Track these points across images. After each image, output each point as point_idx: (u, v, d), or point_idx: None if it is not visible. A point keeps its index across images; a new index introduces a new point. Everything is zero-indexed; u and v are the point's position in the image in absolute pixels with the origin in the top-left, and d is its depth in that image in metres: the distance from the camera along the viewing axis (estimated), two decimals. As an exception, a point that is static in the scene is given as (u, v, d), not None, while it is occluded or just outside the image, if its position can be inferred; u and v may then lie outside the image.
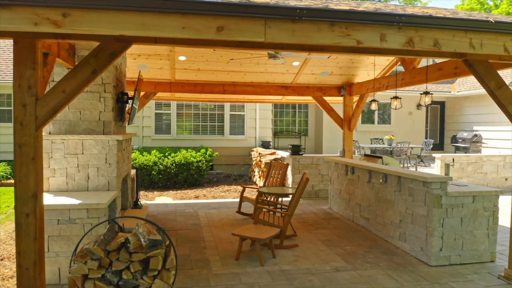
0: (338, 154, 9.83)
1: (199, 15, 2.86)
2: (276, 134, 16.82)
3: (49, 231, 4.24)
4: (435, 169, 10.53)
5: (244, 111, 13.19)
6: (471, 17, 3.28)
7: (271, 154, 10.61)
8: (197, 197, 9.67)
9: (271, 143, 13.23)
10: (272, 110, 16.49)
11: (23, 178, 3.39)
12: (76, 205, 4.26)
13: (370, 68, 8.58)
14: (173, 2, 2.86)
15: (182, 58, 7.76)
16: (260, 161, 10.71)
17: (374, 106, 7.62)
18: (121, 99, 5.72)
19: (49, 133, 5.02)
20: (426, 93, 5.81)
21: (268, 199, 7.12)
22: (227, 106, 13.05)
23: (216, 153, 11.98)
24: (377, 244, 5.82)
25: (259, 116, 13.35)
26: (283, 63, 7.77)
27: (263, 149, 11.48)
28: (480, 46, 3.34)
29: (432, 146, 14.31)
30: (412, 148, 13.49)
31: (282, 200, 7.00)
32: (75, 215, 4.29)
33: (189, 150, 11.53)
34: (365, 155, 8.23)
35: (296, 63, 8.25)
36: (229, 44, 3.46)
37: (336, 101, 10.46)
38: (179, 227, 6.69)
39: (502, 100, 4.13)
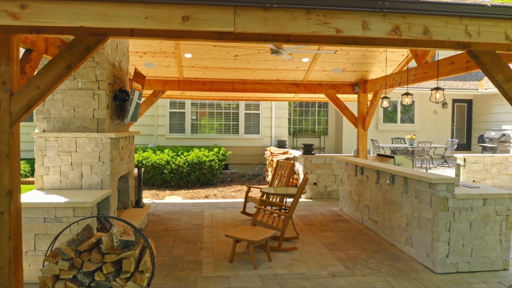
0: (352, 154, 9.48)
1: (163, 4, 2.71)
2: (295, 133, 16.55)
3: (35, 229, 4.21)
4: (457, 170, 9.97)
5: (259, 110, 13.00)
6: (465, 2, 2.96)
7: (284, 153, 10.38)
8: (207, 197, 9.56)
9: (287, 143, 12.98)
10: (291, 109, 16.26)
11: (-3, 176, 3.35)
12: (61, 203, 4.21)
13: (384, 64, 8.20)
14: (135, -9, 2.72)
15: (188, 55, 7.67)
16: (272, 160, 10.50)
17: (385, 103, 7.26)
18: (119, 96, 5.65)
19: (43, 131, 5.02)
20: (437, 88, 5.43)
21: (273, 199, 6.92)
22: (242, 105, 12.90)
23: (229, 152, 11.84)
24: (382, 249, 5.50)
25: (275, 115, 13.12)
26: (289, 60, 7.54)
27: (276, 148, 11.26)
28: (477, 34, 3.01)
29: (456, 146, 13.62)
30: (435, 148, 12.89)
31: (286, 201, 6.76)
32: (61, 214, 4.24)
33: (202, 149, 11.46)
34: (378, 154, 7.87)
35: (305, 60, 7.99)
36: (199, 35, 3.29)
37: (350, 99, 10.11)
38: (181, 227, 6.58)
39: (511, 95, 3.75)
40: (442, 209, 4.57)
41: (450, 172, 11.02)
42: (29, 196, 4.47)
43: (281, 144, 12.79)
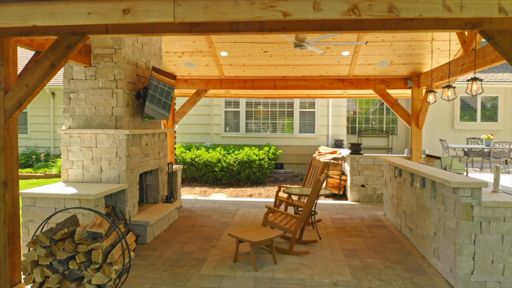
0: (404, 155, 8.70)
1: (105, -2, 2.72)
2: (360, 132, 15.72)
3: (43, 217, 4.55)
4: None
5: (314, 108, 12.60)
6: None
7: (332, 153, 9.89)
8: (250, 196, 9.52)
9: (344, 142, 12.39)
10: (374, 107, 15.49)
11: (-6, 167, 3.67)
12: (69, 195, 4.49)
13: (437, 54, 7.38)
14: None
15: (223, 53, 7.72)
16: (319, 160, 10.08)
17: (431, 98, 6.49)
18: (144, 94, 5.86)
19: (69, 128, 5.41)
20: (474, 79, 4.70)
21: (304, 200, 6.64)
22: (296, 103, 12.62)
23: (280, 151, 11.66)
24: (407, 259, 4.92)
25: (332, 113, 12.61)
26: (323, 53, 7.15)
27: (325, 148, 10.79)
28: (459, 8, 2.48)
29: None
30: (518, 149, 11.25)
31: (316, 203, 6.41)
32: (69, 204, 4.53)
33: (253, 148, 11.45)
34: (427, 155, 7.09)
35: (346, 53, 7.53)
36: (170, 29, 3.23)
37: (403, 95, 9.32)
38: (207, 224, 6.63)
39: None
40: (465, 218, 3.93)
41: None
42: (47, 188, 4.85)
43: (338, 144, 12.26)
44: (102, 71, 5.33)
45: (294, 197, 8.19)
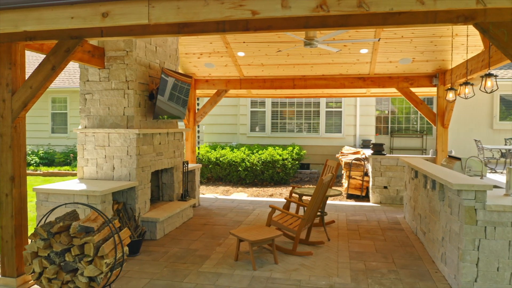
0: (429, 155, 8.35)
1: (86, 3, 2.84)
2: (392, 133, 15.24)
3: (58, 213, 4.79)
4: None
5: (341, 108, 12.36)
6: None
7: (354, 153, 9.65)
8: (271, 195, 9.51)
9: (372, 142, 12.06)
10: (388, 106, 15.05)
11: (3, 164, 3.94)
12: (77, 191, 4.72)
13: (461, 50, 7.02)
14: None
15: (241, 54, 7.77)
16: (341, 160, 9.88)
17: (451, 96, 6.19)
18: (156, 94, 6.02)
19: (85, 127, 5.68)
20: (489, 75, 4.44)
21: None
22: (322, 102, 12.45)
23: (304, 151, 11.55)
24: (415, 264, 4.73)
25: (359, 112, 12.32)
26: (338, 52, 7.02)
27: (349, 148, 10.55)
28: (432, 0, 2.35)
29: None
30: None
31: (325, 204, 6.31)
32: (78, 200, 4.75)
33: (277, 148, 11.43)
34: (449, 156, 6.77)
35: (364, 51, 7.35)
36: (160, 30, 3.32)
37: (427, 93, 8.96)
38: (220, 222, 6.70)
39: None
40: (468, 222, 3.72)
41: None
42: (59, 184, 5.12)
43: (365, 144, 11.97)
44: (114, 72, 5.55)
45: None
